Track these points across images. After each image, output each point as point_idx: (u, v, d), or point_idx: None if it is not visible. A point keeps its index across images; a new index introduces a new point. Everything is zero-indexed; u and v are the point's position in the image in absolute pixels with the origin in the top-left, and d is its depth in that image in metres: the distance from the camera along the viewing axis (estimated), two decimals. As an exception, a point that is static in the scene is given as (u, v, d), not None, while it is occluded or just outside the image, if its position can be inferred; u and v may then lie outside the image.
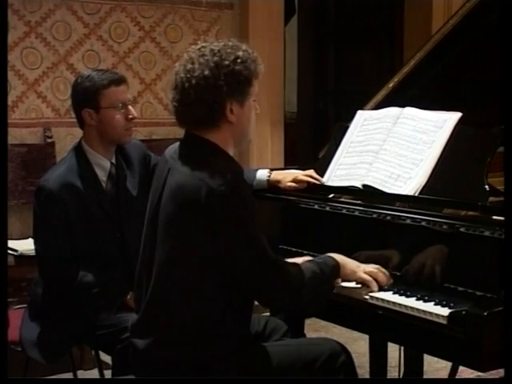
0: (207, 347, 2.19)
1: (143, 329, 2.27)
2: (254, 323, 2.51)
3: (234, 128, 2.25)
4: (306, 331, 3.02)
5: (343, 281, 2.37)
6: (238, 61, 2.21)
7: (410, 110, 2.66)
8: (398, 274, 2.38)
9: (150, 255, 2.27)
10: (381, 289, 2.33)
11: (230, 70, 2.20)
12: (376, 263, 2.40)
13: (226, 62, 2.20)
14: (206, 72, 2.18)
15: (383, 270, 2.37)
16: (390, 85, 3.12)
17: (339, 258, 2.35)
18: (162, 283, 2.22)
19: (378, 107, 2.93)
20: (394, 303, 2.24)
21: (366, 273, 2.34)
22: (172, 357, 2.20)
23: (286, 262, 2.30)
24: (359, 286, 2.37)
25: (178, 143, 2.34)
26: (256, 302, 2.33)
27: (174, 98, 2.25)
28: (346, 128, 2.85)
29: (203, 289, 2.17)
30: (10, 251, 3.90)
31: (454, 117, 2.53)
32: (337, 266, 2.32)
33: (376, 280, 2.33)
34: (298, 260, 2.40)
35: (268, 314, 2.98)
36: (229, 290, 2.20)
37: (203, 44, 2.27)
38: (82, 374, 3.77)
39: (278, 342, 2.42)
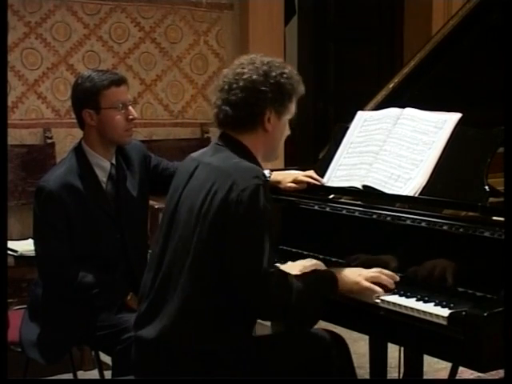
0: (213, 340, 2.21)
1: (150, 319, 2.29)
2: None
3: (268, 137, 2.37)
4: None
5: (347, 293, 2.34)
6: (285, 75, 2.35)
7: (409, 111, 2.66)
8: (398, 274, 2.37)
9: (165, 243, 2.32)
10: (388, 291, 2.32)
11: (277, 80, 2.33)
12: (376, 264, 2.40)
13: (274, 73, 2.33)
14: (255, 76, 2.32)
15: (385, 271, 2.36)
16: (390, 85, 3.12)
17: (339, 273, 2.35)
18: (173, 272, 2.26)
19: (378, 108, 2.92)
20: (394, 304, 2.24)
21: (368, 279, 2.32)
22: (178, 348, 2.22)
23: (278, 276, 2.26)
24: None
25: (209, 145, 2.44)
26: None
27: (220, 97, 2.36)
28: (346, 129, 2.85)
29: (214, 282, 2.21)
30: (9, 252, 3.90)
31: (453, 117, 2.53)
32: (334, 282, 2.31)
33: (380, 284, 2.32)
34: (299, 265, 2.43)
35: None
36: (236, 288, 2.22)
37: (254, 55, 2.40)
38: (81, 375, 3.77)
39: (274, 336, 2.46)
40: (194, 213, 2.25)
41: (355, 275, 2.34)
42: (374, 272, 2.35)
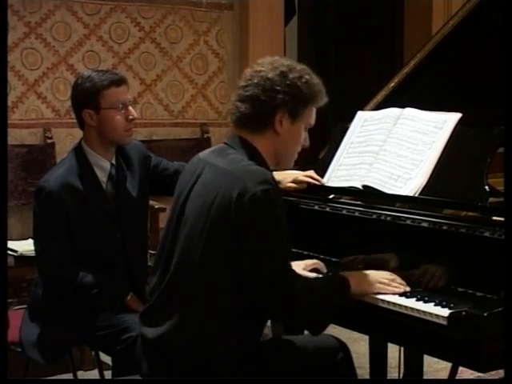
0: (217, 343, 2.20)
1: (155, 318, 2.28)
2: None
3: (278, 140, 2.30)
4: (306, 331, 3.01)
5: (360, 294, 2.32)
6: (303, 80, 2.30)
7: (410, 111, 2.66)
8: (396, 273, 2.37)
9: (172, 244, 2.29)
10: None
11: (293, 82, 2.27)
12: (376, 264, 2.41)
13: (292, 76, 2.28)
14: (270, 75, 2.26)
15: (399, 280, 2.33)
16: (390, 85, 3.12)
17: (352, 277, 2.32)
18: (180, 273, 2.23)
19: (378, 108, 2.92)
20: (394, 304, 2.24)
21: (381, 283, 2.31)
22: (181, 349, 2.21)
23: (299, 278, 2.26)
24: None
25: (217, 146, 2.38)
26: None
27: (236, 93, 2.32)
28: (346, 129, 2.85)
29: (222, 285, 2.19)
30: (9, 252, 3.90)
31: (453, 117, 2.53)
32: (347, 286, 2.29)
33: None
34: (302, 263, 2.43)
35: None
36: (247, 291, 2.20)
37: (278, 57, 2.36)
38: (82, 375, 3.77)
39: (278, 340, 2.43)
40: (202, 216, 2.21)
41: (372, 278, 2.32)
42: (387, 277, 2.33)
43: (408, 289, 2.32)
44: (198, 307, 2.20)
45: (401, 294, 2.27)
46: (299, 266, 2.45)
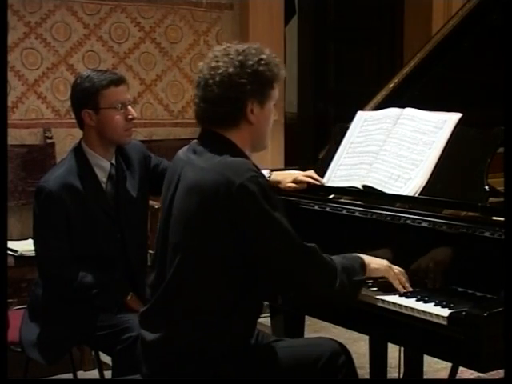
0: (215, 344, 2.19)
1: (154, 321, 2.27)
2: None
3: (253, 129, 2.28)
4: (306, 331, 3.02)
5: (374, 271, 2.33)
6: (262, 62, 2.25)
7: (409, 111, 2.66)
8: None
9: (163, 246, 2.29)
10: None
11: (254, 69, 2.23)
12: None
13: (251, 62, 2.24)
14: (231, 69, 2.22)
15: (406, 276, 2.34)
16: (390, 85, 3.12)
17: (364, 256, 2.34)
18: (175, 276, 2.22)
19: (378, 108, 2.92)
20: (394, 304, 2.24)
21: (393, 269, 2.32)
22: (181, 351, 2.20)
23: (319, 250, 2.27)
24: (375, 289, 2.36)
25: (191, 143, 2.35)
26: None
27: (197, 95, 2.28)
28: (346, 129, 2.85)
29: (215, 283, 2.18)
30: (9, 252, 3.90)
31: (453, 117, 2.53)
32: (363, 263, 2.30)
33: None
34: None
35: (268, 315, 2.99)
36: (240, 286, 2.20)
37: (228, 44, 2.31)
38: (82, 375, 3.77)
39: (280, 343, 2.42)
40: (189, 218, 2.20)
41: (384, 261, 2.34)
42: (399, 270, 2.34)
43: (410, 289, 2.32)
44: (196, 308, 2.20)
45: (401, 294, 2.27)
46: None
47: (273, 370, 2.26)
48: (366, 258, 2.33)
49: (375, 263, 2.33)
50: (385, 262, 2.34)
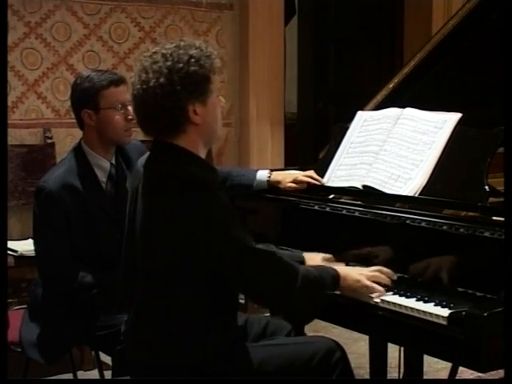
0: (197, 350, 2.18)
1: (133, 336, 2.28)
2: (253, 324, 2.51)
3: (201, 128, 2.22)
4: (306, 331, 3.01)
5: (347, 290, 2.33)
6: (192, 61, 2.16)
7: (409, 111, 2.66)
8: (398, 274, 2.37)
9: (132, 266, 2.29)
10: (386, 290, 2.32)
11: (185, 72, 2.15)
12: (376, 264, 2.40)
13: (180, 65, 2.15)
14: (161, 79, 2.14)
15: (384, 269, 2.36)
16: (390, 85, 3.12)
17: (342, 269, 2.33)
18: (146, 289, 2.23)
19: (378, 108, 2.93)
20: (394, 304, 2.24)
21: (369, 278, 2.31)
22: (165, 363, 2.19)
23: (278, 253, 2.27)
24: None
25: (148, 153, 2.33)
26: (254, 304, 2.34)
27: (135, 109, 2.23)
28: (346, 129, 2.85)
29: (185, 290, 2.16)
30: (9, 252, 3.89)
31: (453, 117, 2.53)
32: (336, 276, 2.29)
33: (380, 283, 2.32)
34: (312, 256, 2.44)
35: (268, 314, 2.98)
36: (211, 287, 2.18)
37: (155, 50, 2.22)
38: (82, 375, 3.77)
39: (272, 342, 2.42)
40: (146, 219, 2.20)
41: (356, 273, 2.33)
42: (373, 271, 2.35)
43: (395, 277, 2.33)
44: (172, 313, 2.18)
45: (401, 294, 2.27)
46: (317, 257, 2.43)
47: (267, 368, 2.25)
48: (343, 272, 2.31)
49: (351, 279, 2.30)
50: (360, 276, 2.30)
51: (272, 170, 2.90)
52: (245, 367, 2.23)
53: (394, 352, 2.98)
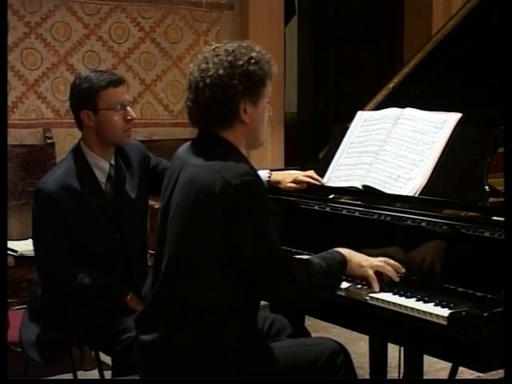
0: (212, 345, 2.19)
1: (149, 322, 2.28)
2: (259, 321, 2.51)
3: (248, 128, 2.28)
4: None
5: (348, 277, 2.37)
6: (252, 61, 2.24)
7: (409, 111, 2.66)
8: (398, 274, 2.37)
9: (161, 245, 2.29)
10: (382, 289, 2.32)
11: (245, 69, 2.22)
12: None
13: (241, 62, 2.22)
14: (221, 71, 2.21)
15: (392, 261, 2.36)
16: (390, 85, 3.12)
17: (346, 252, 2.35)
18: (170, 275, 2.23)
19: (378, 108, 2.92)
20: (394, 304, 2.24)
21: (373, 267, 2.33)
22: (177, 352, 2.21)
23: (295, 259, 2.32)
24: (359, 286, 2.37)
25: (190, 141, 2.36)
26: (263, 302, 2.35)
27: (189, 97, 2.31)
28: (346, 129, 2.85)
29: (211, 282, 2.18)
30: (9, 252, 3.89)
31: (453, 117, 2.53)
32: (343, 261, 2.32)
33: (383, 274, 2.33)
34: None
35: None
36: (236, 286, 2.20)
37: (217, 44, 2.30)
38: (81, 375, 3.78)
39: (279, 343, 2.42)
40: (185, 216, 2.21)
41: (362, 259, 2.35)
42: (380, 261, 2.35)
43: (403, 270, 2.34)
44: (190, 308, 2.20)
45: (401, 294, 2.27)
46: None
47: (272, 370, 2.26)
48: (348, 255, 2.34)
49: (355, 263, 2.34)
50: (365, 262, 2.34)
51: (272, 170, 2.90)
52: (254, 368, 2.24)
53: (394, 352, 2.98)
